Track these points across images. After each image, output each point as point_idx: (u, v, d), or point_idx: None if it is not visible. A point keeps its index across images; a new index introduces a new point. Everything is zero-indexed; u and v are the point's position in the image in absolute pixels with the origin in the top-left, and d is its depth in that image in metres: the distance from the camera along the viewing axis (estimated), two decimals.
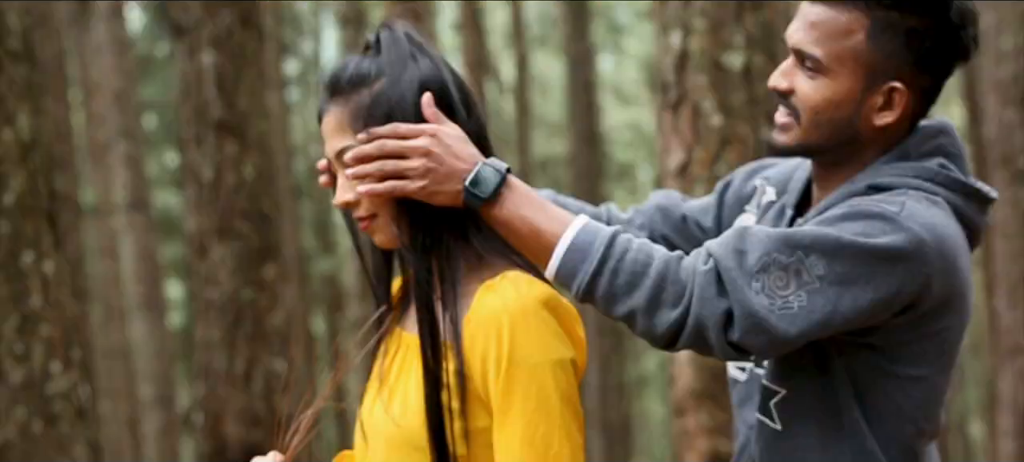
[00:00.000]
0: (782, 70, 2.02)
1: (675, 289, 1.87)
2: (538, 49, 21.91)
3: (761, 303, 1.84)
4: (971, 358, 22.62)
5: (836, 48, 1.96)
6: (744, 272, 1.85)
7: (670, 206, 2.35)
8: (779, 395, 2.00)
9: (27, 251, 4.00)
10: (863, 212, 1.88)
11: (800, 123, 1.99)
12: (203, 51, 6.04)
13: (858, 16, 1.95)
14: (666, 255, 1.89)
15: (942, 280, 1.90)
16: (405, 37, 1.96)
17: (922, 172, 1.98)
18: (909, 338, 1.94)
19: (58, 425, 4.01)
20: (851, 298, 1.84)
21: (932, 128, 2.04)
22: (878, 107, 1.98)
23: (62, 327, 4.06)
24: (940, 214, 1.92)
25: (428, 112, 1.91)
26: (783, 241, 1.86)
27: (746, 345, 1.86)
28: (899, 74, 1.97)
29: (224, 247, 6.01)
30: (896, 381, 1.95)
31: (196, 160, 6.08)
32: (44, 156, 4.10)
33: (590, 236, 1.89)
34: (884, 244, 1.85)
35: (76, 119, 13.13)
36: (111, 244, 12.55)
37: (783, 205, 2.14)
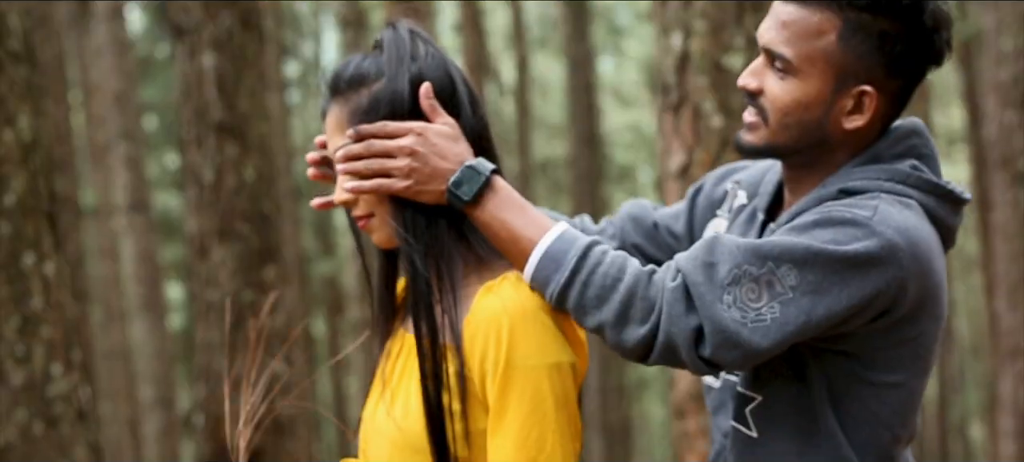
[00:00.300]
0: (752, 69, 1.99)
1: (644, 305, 1.85)
2: (538, 51, 21.92)
3: (732, 317, 1.82)
4: (971, 360, 22.64)
5: (806, 49, 1.93)
6: (714, 285, 1.83)
7: (641, 215, 2.33)
8: (755, 402, 1.98)
9: (28, 252, 3.99)
10: (834, 218, 1.86)
11: (768, 124, 1.96)
12: (204, 53, 6.04)
13: (830, 17, 1.92)
14: (637, 270, 1.87)
15: (917, 283, 1.88)
16: (408, 35, 1.96)
17: (894, 174, 1.96)
18: (884, 344, 1.92)
19: (59, 427, 4.01)
20: (825, 307, 1.83)
21: (904, 130, 2.01)
22: (848, 110, 1.95)
23: (63, 329, 4.06)
24: (913, 217, 1.90)
25: (425, 103, 1.92)
26: (753, 252, 1.84)
27: (718, 360, 1.84)
28: (870, 77, 1.94)
29: (224, 249, 6.01)
30: (871, 387, 1.93)
31: (196, 162, 6.08)
32: (45, 157, 4.10)
33: (565, 245, 1.88)
34: (856, 250, 1.83)
35: (76, 120, 13.14)
36: (111, 245, 12.55)
37: (754, 208, 2.11)
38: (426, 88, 1.92)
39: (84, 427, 4.08)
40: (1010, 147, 7.00)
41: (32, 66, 4.11)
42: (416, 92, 1.92)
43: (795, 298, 1.82)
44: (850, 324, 1.86)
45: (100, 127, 12.24)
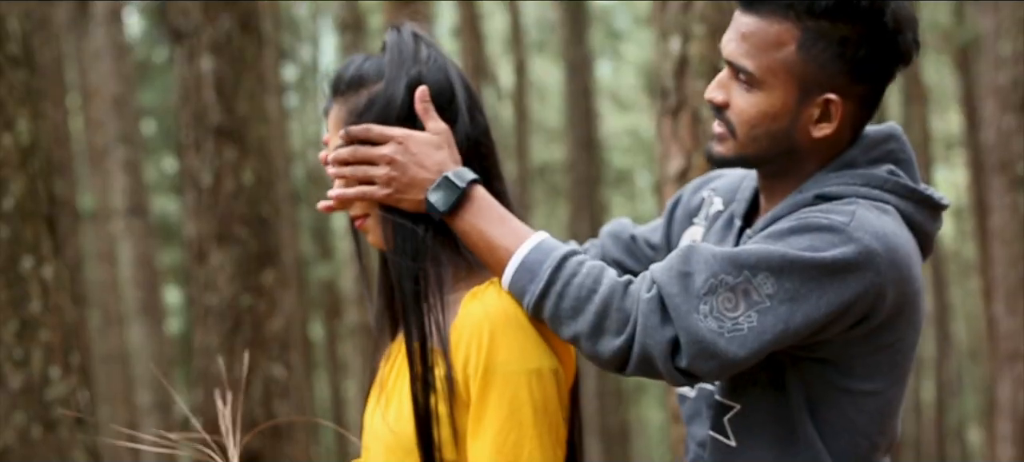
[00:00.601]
0: (718, 81, 1.98)
1: (619, 316, 1.85)
2: (536, 55, 21.93)
3: (709, 327, 1.81)
4: (970, 364, 22.64)
5: (767, 61, 1.91)
6: (690, 296, 1.82)
7: (619, 230, 2.33)
8: (733, 410, 1.97)
9: (27, 256, 3.99)
10: (811, 225, 1.85)
11: (736, 136, 1.95)
12: (202, 56, 6.04)
13: (788, 27, 1.90)
14: (613, 281, 1.87)
15: (895, 289, 1.87)
16: (411, 38, 1.97)
17: (871, 180, 1.94)
18: (862, 351, 1.90)
19: (57, 430, 4.01)
20: (802, 315, 1.82)
21: (880, 134, 2.00)
22: (815, 119, 1.93)
23: (61, 332, 4.06)
24: (891, 222, 1.89)
25: (418, 107, 1.92)
26: (729, 261, 1.83)
27: (695, 370, 1.83)
28: (834, 85, 1.92)
29: (223, 253, 6.01)
30: (849, 395, 1.92)
31: (195, 165, 6.08)
32: (44, 161, 4.10)
33: (541, 256, 1.88)
34: (833, 257, 1.82)
35: (74, 124, 13.13)
36: (110, 249, 12.55)
37: (731, 214, 2.10)
38: (421, 91, 1.92)
39: (82, 431, 4.08)
40: (1008, 151, 7.01)
41: (31, 70, 4.11)
42: (411, 93, 1.93)
43: (772, 307, 1.81)
44: (828, 331, 1.85)
45: (98, 131, 12.24)
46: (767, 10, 1.91)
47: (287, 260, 10.95)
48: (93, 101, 12.23)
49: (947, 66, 19.45)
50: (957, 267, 22.67)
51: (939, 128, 21.82)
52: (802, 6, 1.89)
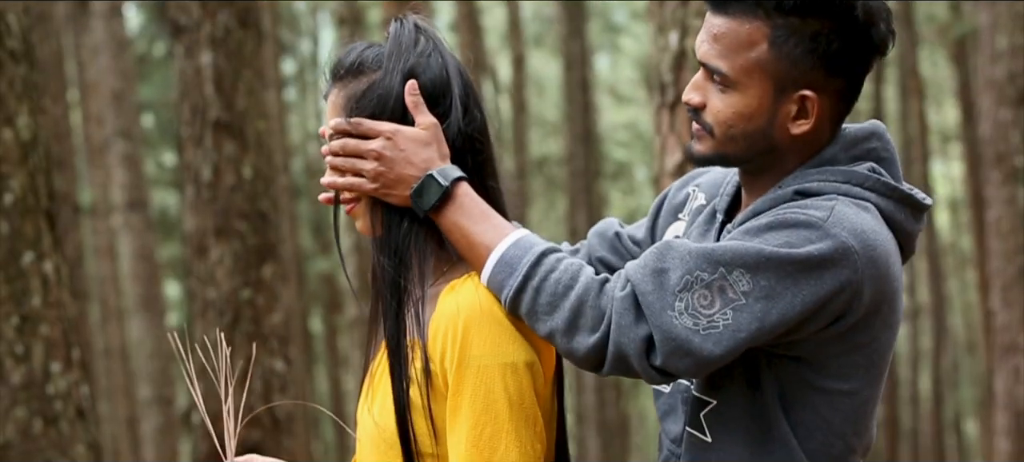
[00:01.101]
0: (694, 83, 1.96)
1: (594, 314, 1.85)
2: (535, 49, 21.92)
3: (684, 324, 1.81)
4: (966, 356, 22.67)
5: (740, 61, 1.90)
6: (665, 292, 1.82)
7: (605, 228, 2.30)
8: (710, 406, 1.96)
9: (27, 251, 4.00)
10: (788, 221, 1.84)
11: (714, 136, 1.94)
12: (201, 51, 6.05)
13: (759, 25, 1.89)
14: (589, 279, 1.87)
15: (872, 287, 1.85)
16: (412, 30, 1.98)
17: (852, 177, 1.93)
18: (838, 350, 1.89)
19: (58, 425, 4.02)
20: (778, 312, 1.81)
21: (863, 132, 1.98)
22: (792, 116, 1.92)
23: (62, 327, 4.07)
24: (870, 220, 1.87)
25: (409, 101, 1.93)
26: (705, 257, 1.82)
27: (670, 368, 1.83)
28: (809, 81, 1.90)
29: (222, 247, 6.02)
30: (824, 395, 1.91)
31: (194, 160, 6.09)
32: (44, 156, 4.11)
33: (520, 252, 1.89)
34: (808, 253, 1.81)
35: (74, 119, 13.13)
36: (109, 244, 12.56)
37: (713, 209, 2.09)
38: (411, 85, 1.93)
39: (83, 425, 4.09)
40: (1005, 144, 7.02)
41: (31, 65, 4.11)
42: (405, 85, 1.95)
43: (748, 304, 1.81)
44: (805, 329, 1.85)
45: (98, 125, 12.24)
46: (737, 10, 1.90)
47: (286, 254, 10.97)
48: (93, 96, 12.23)
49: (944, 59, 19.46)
50: (954, 260, 22.68)
51: (936, 121, 21.82)
52: (771, 3, 1.87)
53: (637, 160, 22.99)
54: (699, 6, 3.96)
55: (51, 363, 4.03)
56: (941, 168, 23.14)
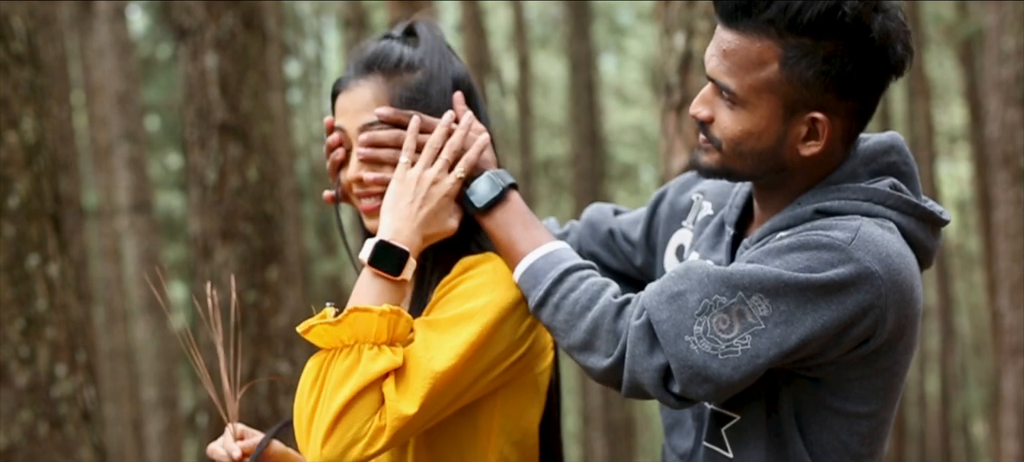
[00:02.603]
0: (703, 97, 1.92)
1: (609, 337, 1.86)
2: (540, 50, 21.91)
3: (702, 349, 1.79)
4: (974, 357, 22.62)
5: (750, 80, 1.84)
6: (684, 315, 1.80)
7: (598, 222, 2.28)
8: (732, 421, 1.94)
9: (32, 254, 4.00)
10: (810, 243, 1.80)
11: (722, 151, 1.90)
12: (206, 53, 6.05)
13: (770, 44, 1.83)
14: (607, 301, 1.87)
15: (896, 313, 1.82)
16: (440, 35, 2.05)
17: (874, 195, 1.88)
18: (859, 374, 1.87)
19: (63, 428, 4.02)
20: (797, 337, 1.78)
21: (882, 146, 1.94)
22: (802, 137, 1.87)
23: (67, 330, 4.06)
24: (895, 242, 1.83)
25: (458, 109, 1.99)
26: (723, 281, 1.80)
27: (690, 395, 1.82)
28: (820, 103, 1.85)
29: (228, 249, 6.02)
30: (842, 417, 1.89)
31: (199, 162, 6.09)
32: (49, 159, 4.10)
33: (547, 265, 1.92)
34: (829, 277, 1.77)
35: (79, 121, 13.14)
36: (114, 246, 12.56)
37: (722, 221, 2.05)
38: (459, 96, 2.01)
39: (89, 428, 4.09)
40: (1012, 145, 7.00)
41: (36, 68, 4.11)
42: (453, 91, 2.02)
43: (767, 329, 1.78)
44: (828, 353, 1.82)
45: (103, 128, 12.25)
46: (749, 26, 1.84)
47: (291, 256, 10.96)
48: (97, 98, 12.24)
49: (951, 60, 19.43)
50: (961, 261, 22.64)
51: (943, 122, 21.79)
52: (784, 22, 1.81)
53: (643, 162, 22.98)
54: (705, 7, 3.94)
55: (56, 366, 4.02)
56: (948, 169, 23.11)
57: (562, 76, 20.42)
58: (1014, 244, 7.02)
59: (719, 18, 1.88)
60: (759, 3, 1.82)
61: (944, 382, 18.53)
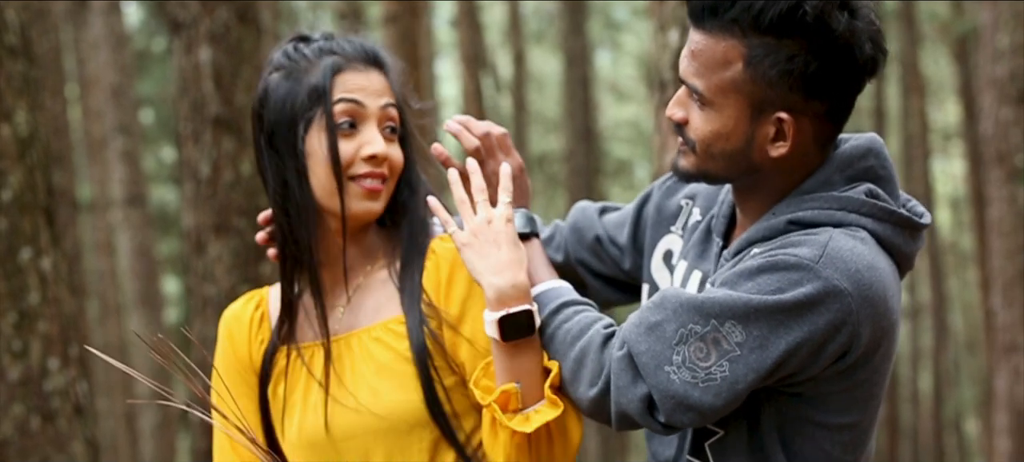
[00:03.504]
0: (677, 98, 1.93)
1: (594, 367, 1.89)
2: (535, 45, 21.90)
3: (682, 379, 1.81)
4: (967, 355, 22.66)
5: (716, 80, 1.85)
6: (663, 345, 1.82)
7: (584, 227, 2.27)
8: (715, 436, 1.95)
9: (25, 248, 3.99)
10: (778, 264, 1.80)
11: (696, 153, 1.91)
12: (200, 47, 6.03)
13: (734, 44, 1.84)
14: (594, 334, 1.90)
15: (871, 325, 1.82)
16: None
17: (847, 203, 1.87)
18: (838, 387, 1.87)
19: (56, 422, 4.01)
20: (773, 359, 1.79)
21: (859, 150, 1.92)
22: (771, 138, 1.87)
23: (60, 324, 4.06)
24: (866, 255, 1.82)
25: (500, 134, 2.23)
26: (696, 310, 1.81)
27: (675, 423, 1.84)
28: (786, 103, 1.84)
29: (221, 243, 6.01)
30: (825, 429, 1.90)
31: (193, 156, 6.08)
32: (42, 153, 4.09)
33: (547, 299, 1.98)
34: (797, 297, 1.78)
35: (73, 114, 13.12)
36: (108, 240, 12.54)
37: (709, 229, 2.05)
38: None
39: (81, 422, 4.08)
40: (1006, 143, 7.01)
41: (29, 60, 4.10)
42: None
43: (743, 355, 1.79)
44: (807, 370, 1.83)
45: (97, 121, 12.23)
46: (714, 27, 1.85)
47: None
48: (91, 91, 12.22)
49: (945, 57, 19.44)
50: (955, 258, 22.67)
51: (937, 119, 21.81)
52: (747, 21, 1.82)
53: (638, 157, 22.98)
54: None
55: (49, 359, 4.01)
56: (942, 166, 23.13)
57: (557, 71, 20.41)
58: (1007, 242, 7.03)
59: (690, 19, 1.90)
60: (724, 3, 1.83)
61: (937, 379, 18.56)
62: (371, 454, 1.99)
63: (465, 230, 1.97)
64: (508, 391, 1.92)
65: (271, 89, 2.08)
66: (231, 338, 2.19)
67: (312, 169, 2.03)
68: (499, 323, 1.91)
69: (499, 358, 1.94)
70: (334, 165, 2.02)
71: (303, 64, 2.07)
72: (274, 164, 2.07)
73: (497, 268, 1.92)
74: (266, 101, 2.08)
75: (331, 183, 2.02)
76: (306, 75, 2.06)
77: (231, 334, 2.19)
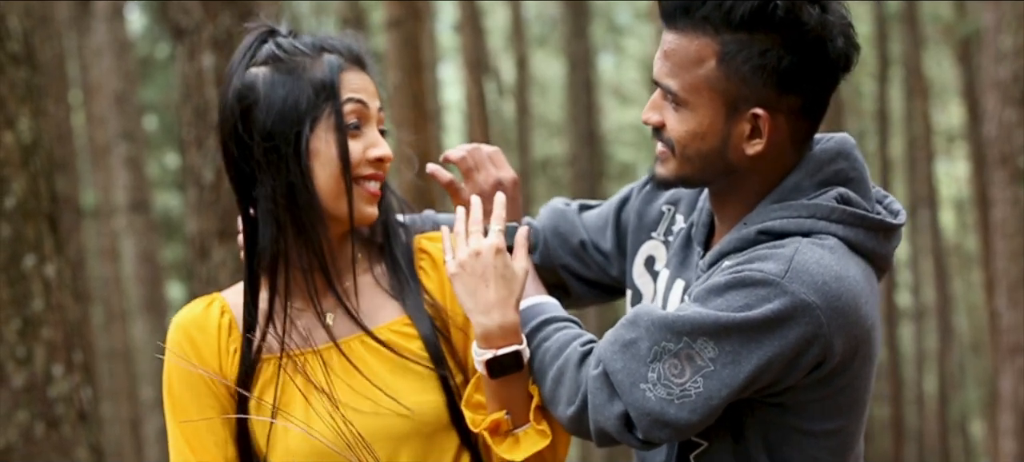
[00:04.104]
0: (652, 102, 1.93)
1: (571, 385, 1.89)
2: (538, 49, 21.91)
3: (658, 396, 1.81)
4: (972, 357, 22.63)
5: (689, 79, 1.85)
6: (638, 363, 1.82)
7: (567, 231, 2.23)
8: (701, 448, 1.95)
9: (29, 254, 3.99)
10: (745, 280, 1.80)
11: (675, 155, 1.90)
12: (203, 53, 6.04)
13: (707, 42, 1.83)
14: (571, 352, 1.90)
15: (843, 336, 1.82)
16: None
17: (817, 211, 1.87)
18: (819, 395, 1.87)
19: (60, 428, 4.01)
20: (746, 373, 1.79)
21: (828, 153, 1.91)
22: (746, 136, 1.86)
23: (64, 330, 4.06)
24: (833, 265, 1.81)
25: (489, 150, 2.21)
26: (668, 328, 1.81)
27: (653, 439, 1.85)
28: (761, 99, 1.84)
29: (225, 249, 6.01)
30: (811, 437, 1.90)
31: (197, 162, 6.08)
32: (45, 159, 4.10)
33: (529, 316, 1.98)
34: (765, 313, 1.78)
35: (77, 121, 13.13)
36: (112, 246, 12.56)
37: (689, 236, 2.05)
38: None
39: (86, 428, 4.09)
40: (1009, 144, 7.00)
41: (32, 68, 4.10)
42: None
43: (716, 370, 1.80)
44: (780, 383, 1.83)
45: (100, 127, 12.24)
46: (686, 25, 1.85)
47: None
48: (95, 98, 12.23)
49: (949, 59, 19.43)
50: (959, 260, 22.65)
51: (941, 121, 21.80)
52: (719, 18, 1.82)
53: (641, 161, 22.98)
54: None
55: (53, 366, 4.02)
56: (947, 168, 23.12)
57: (560, 75, 20.41)
58: (1011, 243, 7.02)
59: (662, 20, 1.90)
60: (695, 1, 1.84)
61: (942, 381, 18.53)
62: (396, 458, 1.95)
63: (454, 260, 1.95)
64: (498, 419, 1.93)
65: (265, 85, 1.97)
66: (194, 346, 2.05)
67: (316, 170, 1.95)
68: (486, 363, 1.91)
69: (487, 387, 1.94)
70: (344, 166, 1.95)
71: (300, 60, 1.99)
72: (273, 165, 1.96)
73: (485, 307, 1.90)
74: (258, 98, 1.96)
75: (339, 185, 1.95)
76: (307, 71, 1.97)
77: (194, 342, 2.05)
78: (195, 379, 2.02)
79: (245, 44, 2.08)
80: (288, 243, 1.98)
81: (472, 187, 2.16)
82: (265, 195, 1.99)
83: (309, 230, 1.96)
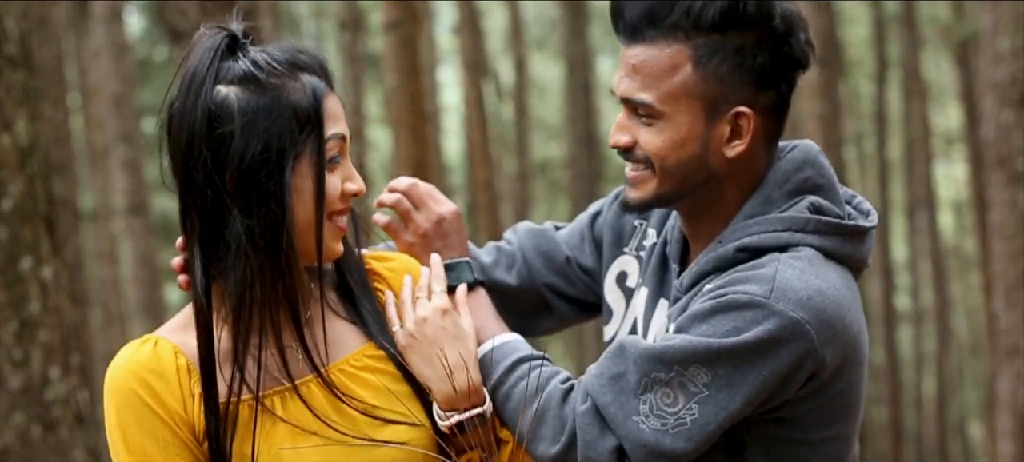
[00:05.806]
0: (619, 124, 1.91)
1: (556, 423, 1.86)
2: (536, 51, 21.92)
3: (652, 427, 1.79)
4: (970, 359, 22.64)
5: (665, 87, 1.84)
6: (628, 396, 1.80)
7: (551, 250, 2.19)
8: None
9: (26, 257, 4.00)
10: (731, 304, 1.79)
11: (654, 172, 1.88)
12: None
13: (679, 48, 1.83)
14: (551, 390, 1.87)
15: (833, 346, 1.82)
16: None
17: (792, 223, 1.86)
18: (815, 405, 1.87)
19: (57, 431, 4.01)
20: (741, 396, 1.79)
21: (795, 162, 1.91)
22: (726, 138, 1.86)
23: (61, 332, 4.06)
24: (813, 278, 1.81)
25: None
26: (657, 359, 1.80)
27: None
28: (741, 97, 1.84)
29: None
30: (808, 446, 1.90)
31: None
32: (42, 161, 4.10)
33: (501, 355, 1.93)
34: (758, 335, 1.77)
35: (75, 123, 13.14)
36: (110, 249, 12.56)
37: (664, 255, 2.03)
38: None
39: (82, 431, 4.08)
40: (1007, 147, 7.00)
41: (29, 70, 4.11)
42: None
43: (711, 395, 1.79)
44: (775, 400, 1.83)
45: (99, 130, 12.25)
46: (655, 36, 1.84)
47: None
48: (93, 100, 12.24)
49: (947, 61, 19.44)
50: (958, 262, 22.66)
51: (939, 123, 21.81)
52: (689, 23, 1.82)
53: None
54: None
55: (50, 369, 4.02)
56: (945, 170, 23.12)
57: (559, 77, 20.42)
58: (1009, 245, 7.02)
59: (622, 37, 1.89)
60: (661, 10, 1.83)
61: (941, 383, 18.54)
62: None
63: (403, 331, 1.92)
64: (470, 456, 1.91)
65: (241, 112, 1.77)
66: (151, 391, 1.83)
67: (296, 208, 1.79)
68: (449, 428, 1.89)
69: (455, 437, 1.91)
70: (318, 204, 1.80)
71: (276, 80, 1.80)
72: (249, 201, 1.77)
73: (443, 375, 1.88)
74: (234, 126, 1.76)
75: (311, 222, 1.80)
76: (286, 96, 1.79)
77: (150, 387, 1.83)
78: (160, 429, 1.83)
79: (205, 50, 1.86)
80: (256, 280, 1.79)
81: (413, 228, 2.11)
82: (237, 232, 1.78)
83: (284, 269, 1.80)
